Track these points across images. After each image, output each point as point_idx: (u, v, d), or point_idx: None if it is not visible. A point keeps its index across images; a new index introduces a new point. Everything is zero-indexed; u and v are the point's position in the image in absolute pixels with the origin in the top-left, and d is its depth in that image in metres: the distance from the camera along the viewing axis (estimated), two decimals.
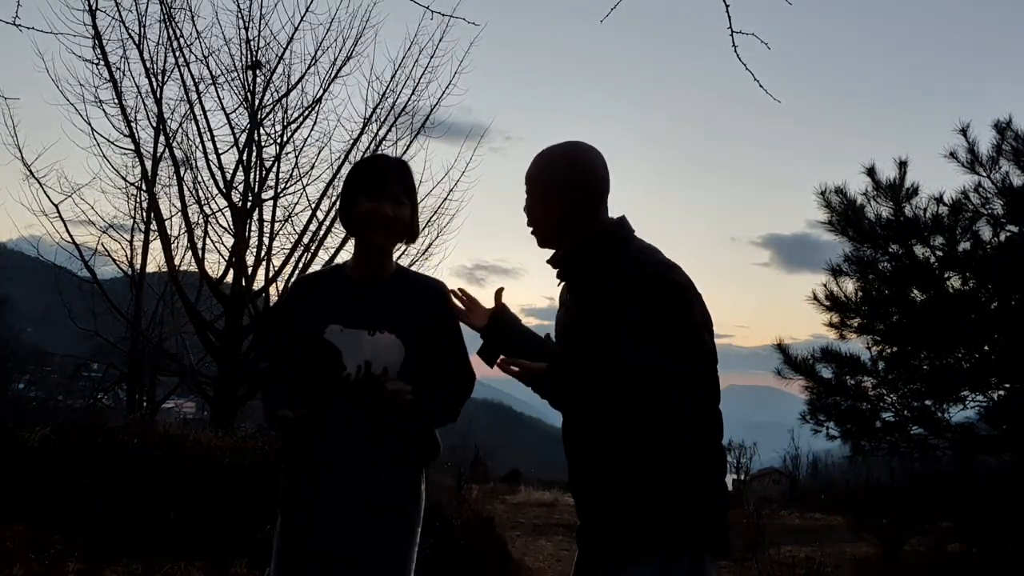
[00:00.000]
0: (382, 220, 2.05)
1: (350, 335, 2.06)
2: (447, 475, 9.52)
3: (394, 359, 2.05)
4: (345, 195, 2.14)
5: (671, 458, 1.72)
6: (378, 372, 2.04)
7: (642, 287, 1.71)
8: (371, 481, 2.02)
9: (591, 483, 1.83)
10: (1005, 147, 6.05)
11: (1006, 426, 6.06)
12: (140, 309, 11.03)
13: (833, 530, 9.13)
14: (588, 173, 1.90)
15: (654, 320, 1.68)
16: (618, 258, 1.80)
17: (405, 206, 2.09)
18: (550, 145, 1.97)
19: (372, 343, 2.06)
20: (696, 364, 1.72)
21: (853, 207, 6.47)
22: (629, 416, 1.70)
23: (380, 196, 2.06)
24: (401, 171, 2.13)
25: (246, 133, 8.67)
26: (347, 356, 2.05)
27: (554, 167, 1.91)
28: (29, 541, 4.09)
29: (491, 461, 17.39)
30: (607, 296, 1.74)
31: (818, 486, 15.31)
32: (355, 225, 2.10)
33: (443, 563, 5.24)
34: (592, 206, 1.89)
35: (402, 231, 2.12)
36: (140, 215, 10.51)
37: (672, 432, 1.71)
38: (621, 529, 1.74)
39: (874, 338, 6.49)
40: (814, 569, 6.44)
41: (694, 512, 1.72)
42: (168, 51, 8.35)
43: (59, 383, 13.20)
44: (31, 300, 20.60)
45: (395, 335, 2.07)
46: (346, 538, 2.00)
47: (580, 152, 1.92)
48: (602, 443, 1.77)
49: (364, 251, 2.14)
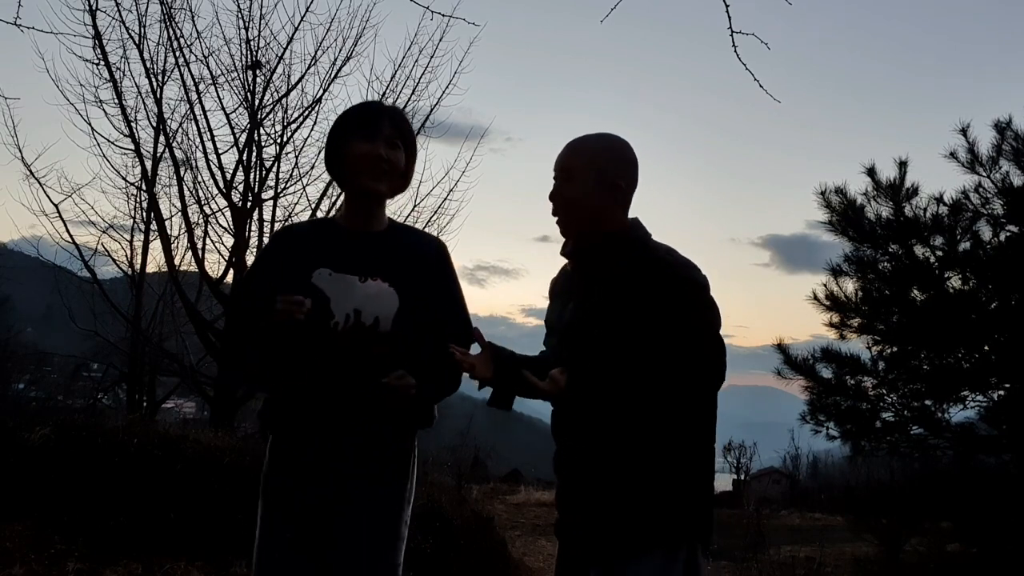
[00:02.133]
0: (377, 162, 1.90)
1: (339, 280, 1.90)
2: (447, 475, 9.52)
3: (387, 308, 1.90)
4: (335, 138, 1.97)
5: (680, 453, 1.74)
6: (368, 322, 1.88)
7: (674, 287, 1.72)
8: (361, 445, 1.88)
9: (594, 476, 1.79)
10: (1005, 147, 6.05)
11: (1006, 426, 6.06)
12: (140, 309, 11.03)
13: (833, 530, 9.12)
14: (634, 168, 1.89)
15: (683, 319, 1.70)
16: (646, 256, 1.79)
17: (400, 150, 1.96)
18: (593, 133, 1.92)
19: (363, 290, 1.90)
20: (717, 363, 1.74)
21: (853, 207, 6.47)
22: (652, 413, 1.70)
23: (374, 137, 1.91)
24: (396, 115, 2.00)
25: (246, 133, 8.66)
26: (335, 303, 1.88)
27: (608, 154, 1.86)
28: (29, 541, 4.09)
29: (491, 461, 17.38)
30: (637, 294, 1.73)
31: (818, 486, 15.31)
32: (346, 169, 1.94)
33: (443, 563, 5.23)
34: (627, 202, 1.88)
35: (396, 178, 1.98)
36: (140, 215, 10.51)
37: (688, 428, 1.74)
38: (624, 524, 1.72)
39: (874, 338, 6.49)
40: (814, 569, 6.45)
41: (693, 506, 1.75)
42: (168, 51, 8.35)
43: (59, 383, 13.20)
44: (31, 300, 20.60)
45: (388, 283, 1.92)
46: (333, 506, 1.86)
47: (627, 146, 1.90)
48: (614, 438, 1.75)
49: (356, 198, 1.98)
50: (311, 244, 1.97)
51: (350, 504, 1.88)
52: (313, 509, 1.87)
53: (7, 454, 4.49)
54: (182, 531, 4.23)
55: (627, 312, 1.73)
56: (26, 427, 4.79)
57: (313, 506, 1.87)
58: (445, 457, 11.28)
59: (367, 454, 1.89)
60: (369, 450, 1.89)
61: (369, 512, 1.90)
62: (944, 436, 6.33)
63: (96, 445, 4.57)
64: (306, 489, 1.87)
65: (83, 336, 11.37)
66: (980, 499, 5.81)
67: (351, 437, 1.87)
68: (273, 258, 2.02)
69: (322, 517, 1.87)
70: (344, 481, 1.87)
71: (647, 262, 1.76)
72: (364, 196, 1.96)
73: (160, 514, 4.28)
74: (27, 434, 4.66)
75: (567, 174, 1.86)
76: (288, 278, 1.90)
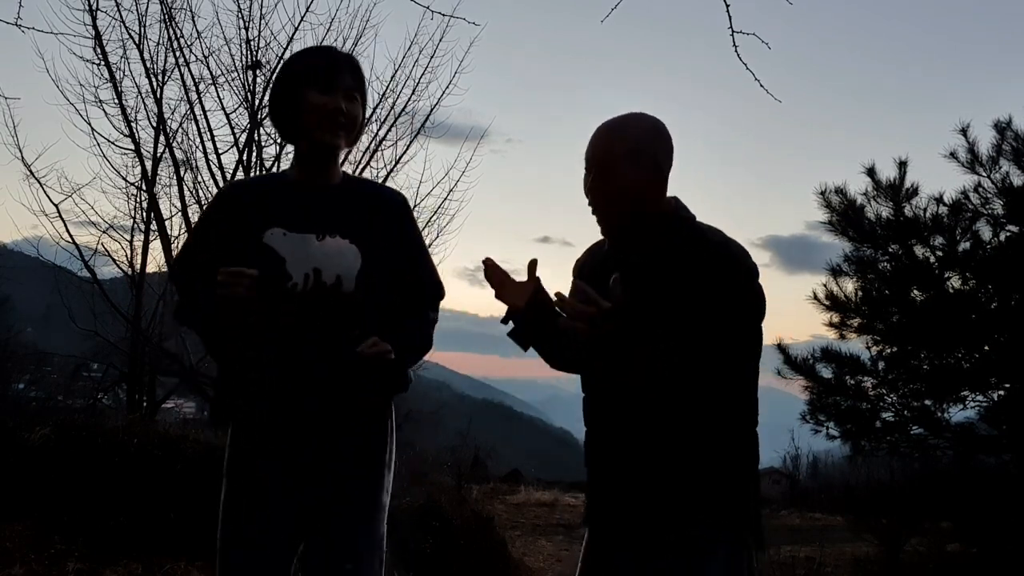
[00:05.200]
0: (335, 115, 1.78)
1: (295, 240, 1.77)
2: (447, 475, 9.53)
3: (348, 266, 1.78)
4: (286, 87, 1.82)
5: (739, 444, 1.69)
6: (330, 281, 1.76)
7: (728, 271, 1.63)
8: (331, 415, 1.75)
9: (645, 470, 1.67)
10: (1005, 147, 6.05)
11: (1006, 426, 6.06)
12: (140, 309, 11.02)
13: (833, 530, 9.12)
14: (668, 146, 1.77)
15: (741, 303, 1.63)
16: (697, 237, 1.70)
17: (356, 102, 1.84)
18: (615, 119, 1.78)
19: (321, 248, 1.77)
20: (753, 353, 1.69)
21: (853, 207, 6.47)
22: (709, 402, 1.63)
23: (332, 89, 1.79)
24: (354, 64, 1.87)
25: (246, 133, 8.66)
26: (291, 264, 1.75)
27: (650, 135, 1.74)
28: (29, 541, 4.09)
29: (491, 461, 17.38)
30: (689, 275, 1.63)
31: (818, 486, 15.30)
32: (301, 123, 1.81)
33: (443, 563, 5.24)
34: (665, 182, 1.77)
35: (353, 131, 1.86)
36: (140, 215, 10.47)
37: (743, 420, 1.69)
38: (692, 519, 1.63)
39: (874, 338, 6.49)
40: (814, 569, 6.45)
41: (750, 502, 1.69)
42: (168, 51, 8.34)
43: (59, 383, 13.17)
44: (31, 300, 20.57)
45: (349, 240, 1.79)
46: (307, 482, 1.75)
47: (654, 125, 1.77)
48: (670, 425, 1.65)
49: (312, 153, 1.84)
50: (261, 202, 1.83)
51: (329, 481, 1.77)
52: (290, 492, 1.75)
53: (7, 454, 4.49)
54: (182, 531, 4.23)
55: (677, 292, 1.63)
56: (26, 427, 4.79)
57: (290, 489, 1.75)
58: (445, 457, 11.28)
59: (343, 425, 1.77)
60: (344, 420, 1.77)
61: (350, 486, 1.79)
62: (944, 436, 6.33)
63: (96, 445, 4.58)
64: (280, 474, 1.75)
65: (83, 336, 11.35)
66: (980, 499, 5.81)
67: (323, 407, 1.75)
68: (217, 221, 1.86)
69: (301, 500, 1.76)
70: (321, 457, 1.76)
71: (701, 245, 1.67)
72: (320, 150, 1.84)
73: (160, 514, 4.28)
74: (27, 434, 4.66)
75: (608, 164, 1.73)
76: (237, 241, 1.78)
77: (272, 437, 1.76)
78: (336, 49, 1.94)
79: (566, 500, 12.43)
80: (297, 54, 1.92)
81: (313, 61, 1.84)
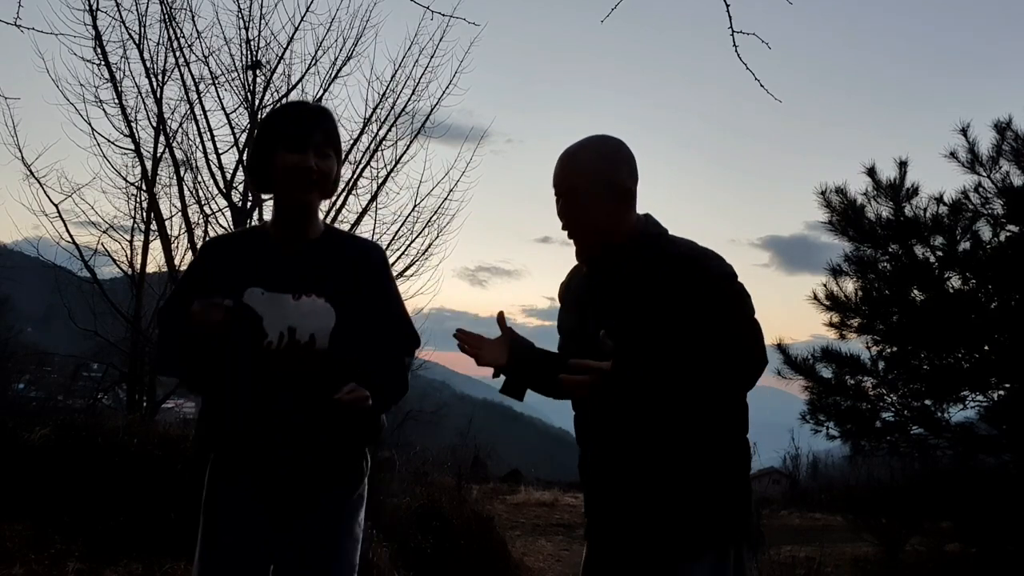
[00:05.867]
0: (306, 174, 1.83)
1: (272, 299, 1.84)
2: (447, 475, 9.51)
3: (322, 325, 1.84)
4: (260, 148, 1.88)
5: (727, 452, 1.71)
6: (304, 340, 1.83)
7: (702, 281, 1.66)
8: (304, 464, 1.82)
9: (636, 480, 1.71)
10: (1005, 147, 6.04)
11: (1006, 426, 6.06)
12: (140, 309, 11.01)
13: (833, 530, 9.12)
14: (634, 164, 1.80)
15: (717, 313, 1.65)
16: (668, 252, 1.72)
17: (330, 159, 1.89)
18: (583, 140, 1.82)
19: (297, 307, 1.84)
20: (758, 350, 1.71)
21: (853, 207, 6.46)
22: (696, 412, 1.66)
23: (303, 148, 1.83)
24: (324, 119, 1.90)
25: (246, 133, 8.66)
26: (268, 322, 1.83)
27: (606, 161, 1.78)
28: (29, 541, 4.09)
29: (491, 461, 17.37)
30: (665, 292, 1.66)
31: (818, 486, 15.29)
32: (274, 182, 1.87)
33: (443, 563, 5.24)
34: (633, 200, 1.81)
35: (327, 186, 1.91)
36: (140, 215, 10.48)
37: (732, 427, 1.71)
38: (674, 528, 1.67)
39: (874, 338, 6.49)
40: (814, 569, 6.44)
41: (740, 506, 1.71)
42: (168, 51, 8.34)
43: (59, 383, 13.17)
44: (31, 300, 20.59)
45: (324, 299, 1.86)
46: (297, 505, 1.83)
47: (621, 144, 1.81)
48: (657, 440, 1.69)
49: (287, 210, 1.90)
50: (241, 260, 1.90)
51: (318, 495, 1.85)
52: (263, 527, 1.83)
53: (7, 454, 4.49)
54: (182, 531, 4.23)
55: (661, 312, 1.66)
56: (26, 427, 4.80)
57: (263, 523, 1.83)
58: (445, 457, 11.26)
59: (310, 473, 1.84)
60: (312, 468, 1.84)
61: (336, 501, 1.86)
62: (944, 436, 6.33)
63: (96, 445, 4.58)
64: (255, 507, 1.83)
65: (83, 336, 11.35)
66: (980, 499, 5.81)
67: (298, 454, 1.82)
68: (201, 275, 1.93)
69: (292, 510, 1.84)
70: (310, 471, 1.83)
71: (670, 258, 1.70)
72: (294, 209, 1.90)
73: (160, 514, 4.28)
74: (27, 434, 4.66)
75: (571, 193, 1.79)
76: (218, 297, 1.84)
77: (246, 482, 1.84)
78: (307, 105, 1.99)
79: (566, 500, 12.42)
80: (270, 114, 1.99)
81: (283, 120, 1.89)
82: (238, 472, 1.86)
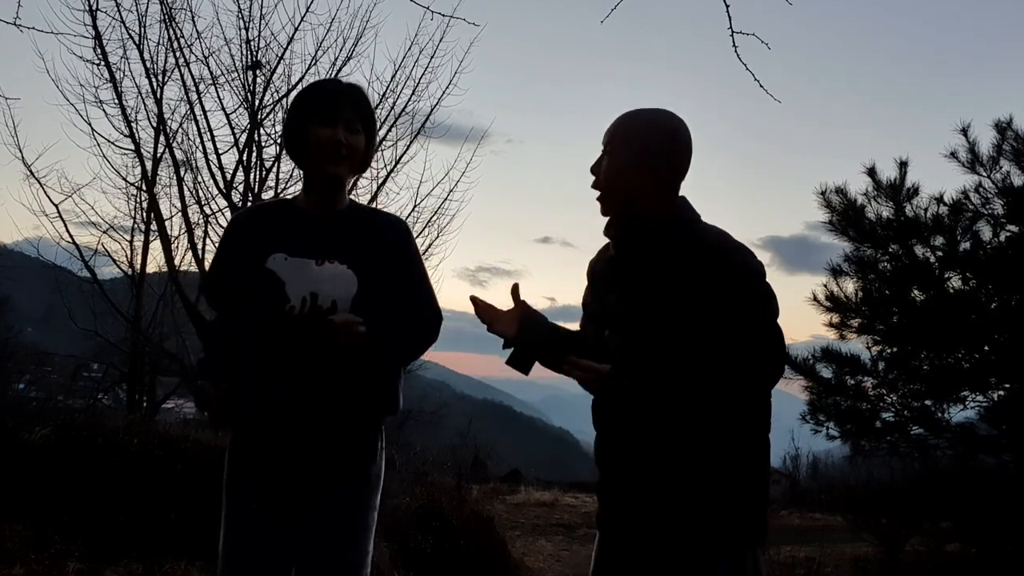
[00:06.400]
0: (336, 148, 1.87)
1: (295, 264, 1.86)
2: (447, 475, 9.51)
3: (344, 291, 1.86)
4: (294, 121, 1.94)
5: (749, 450, 1.68)
6: (326, 305, 1.84)
7: (728, 274, 1.63)
8: (321, 440, 1.83)
9: (651, 477, 1.68)
10: (1006, 147, 6.04)
11: (1006, 426, 6.05)
12: (140, 309, 11.02)
13: (833, 530, 9.11)
14: (683, 147, 1.77)
15: (740, 309, 1.62)
16: (696, 241, 1.68)
17: (359, 134, 1.92)
18: (642, 109, 1.80)
19: (319, 273, 1.86)
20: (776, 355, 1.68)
21: (853, 207, 6.46)
22: (711, 409, 1.62)
23: (334, 122, 1.88)
24: (355, 95, 1.95)
25: (246, 133, 8.67)
26: (291, 287, 1.84)
27: (653, 131, 1.75)
28: (29, 541, 4.08)
29: (491, 461, 17.36)
30: (688, 282, 1.63)
31: (818, 486, 15.29)
32: (306, 155, 1.92)
33: (443, 563, 5.24)
34: (675, 183, 1.77)
35: (356, 160, 1.95)
36: (140, 215, 10.51)
37: (747, 424, 1.68)
38: (693, 531, 1.64)
39: (874, 338, 6.49)
40: (814, 569, 6.44)
41: (758, 508, 1.69)
42: (168, 51, 8.34)
43: (59, 383, 13.17)
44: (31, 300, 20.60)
45: (347, 265, 1.88)
46: (296, 505, 1.83)
47: (679, 125, 1.78)
48: (670, 436, 1.65)
49: (316, 182, 1.95)
50: (268, 228, 1.94)
51: (317, 495, 1.85)
52: (282, 503, 1.84)
53: (7, 454, 4.48)
54: (182, 531, 4.23)
55: (678, 302, 1.63)
56: (26, 427, 4.79)
57: (282, 500, 1.84)
58: (445, 457, 11.25)
59: (328, 449, 1.85)
60: (329, 445, 1.85)
61: (337, 501, 1.86)
62: (944, 436, 6.32)
63: (96, 445, 4.57)
64: (274, 483, 1.84)
65: (83, 336, 11.37)
66: (980, 499, 5.80)
67: (310, 430, 1.83)
68: (232, 243, 1.98)
69: (292, 510, 1.85)
70: (310, 471, 1.84)
71: (698, 248, 1.67)
72: (324, 181, 1.94)
73: (160, 514, 4.28)
74: (27, 434, 4.66)
75: (610, 148, 1.78)
76: (244, 263, 1.89)
77: (246, 482, 1.86)
78: (340, 81, 2.01)
79: (566, 500, 12.41)
80: (304, 89, 2.03)
81: (316, 95, 1.94)
82: (238, 472, 1.88)
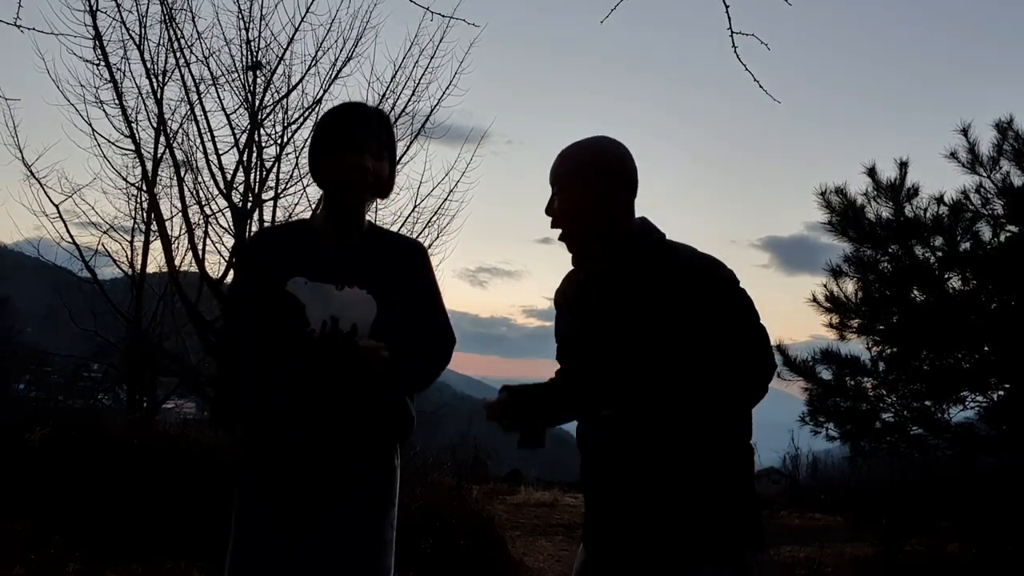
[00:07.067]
0: (363, 175, 1.86)
1: (315, 288, 1.86)
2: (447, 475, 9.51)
3: (364, 315, 1.87)
4: (318, 147, 1.93)
5: (735, 457, 1.70)
6: (346, 329, 1.85)
7: (704, 287, 1.65)
8: (337, 459, 1.84)
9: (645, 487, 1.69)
10: (1006, 147, 6.04)
11: (1006, 426, 6.05)
12: (140, 309, 11.02)
13: (833, 530, 9.11)
14: (628, 168, 1.78)
15: (722, 319, 1.64)
16: (666, 257, 1.71)
17: (384, 160, 1.92)
18: (579, 141, 1.81)
19: (340, 297, 1.86)
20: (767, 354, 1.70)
21: (853, 207, 6.46)
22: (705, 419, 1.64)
23: (360, 148, 1.87)
24: (380, 122, 1.95)
25: (247, 134, 8.67)
26: (311, 311, 1.85)
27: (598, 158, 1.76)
28: (29, 541, 4.09)
29: (491, 461, 17.35)
30: (665, 299, 1.64)
31: (818, 486, 15.28)
32: (331, 180, 1.91)
33: (443, 563, 5.24)
34: (630, 203, 1.79)
35: (380, 187, 1.94)
36: (141, 216, 10.50)
37: (738, 432, 1.70)
38: (689, 536, 1.65)
39: (874, 339, 6.49)
40: (814, 569, 6.44)
41: (750, 511, 1.71)
42: (169, 52, 8.36)
43: (59, 383, 13.19)
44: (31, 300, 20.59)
45: (366, 290, 1.88)
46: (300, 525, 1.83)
47: (618, 146, 1.80)
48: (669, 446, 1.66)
49: (337, 208, 1.94)
50: (287, 251, 1.93)
51: (320, 515, 1.85)
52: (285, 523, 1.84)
53: (7, 454, 4.49)
54: (183, 531, 4.24)
55: (670, 319, 1.64)
56: (26, 427, 4.80)
57: (285, 520, 1.85)
58: (445, 457, 11.25)
59: (344, 468, 1.85)
60: (345, 463, 1.86)
61: (340, 521, 1.85)
62: (944, 436, 6.32)
63: (96, 445, 4.58)
64: (276, 504, 1.85)
65: (83, 336, 11.37)
66: (980, 499, 5.80)
67: (327, 449, 1.84)
68: (252, 265, 1.98)
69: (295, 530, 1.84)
70: (312, 492, 1.84)
71: (670, 264, 1.69)
72: (347, 206, 1.93)
73: (161, 514, 4.28)
74: (27, 434, 4.66)
75: (559, 186, 1.79)
76: (264, 286, 1.88)
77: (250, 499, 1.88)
78: (366, 106, 2.00)
79: (566, 500, 12.41)
80: (329, 113, 1.99)
81: (342, 120, 1.92)
82: (245, 490, 1.90)
